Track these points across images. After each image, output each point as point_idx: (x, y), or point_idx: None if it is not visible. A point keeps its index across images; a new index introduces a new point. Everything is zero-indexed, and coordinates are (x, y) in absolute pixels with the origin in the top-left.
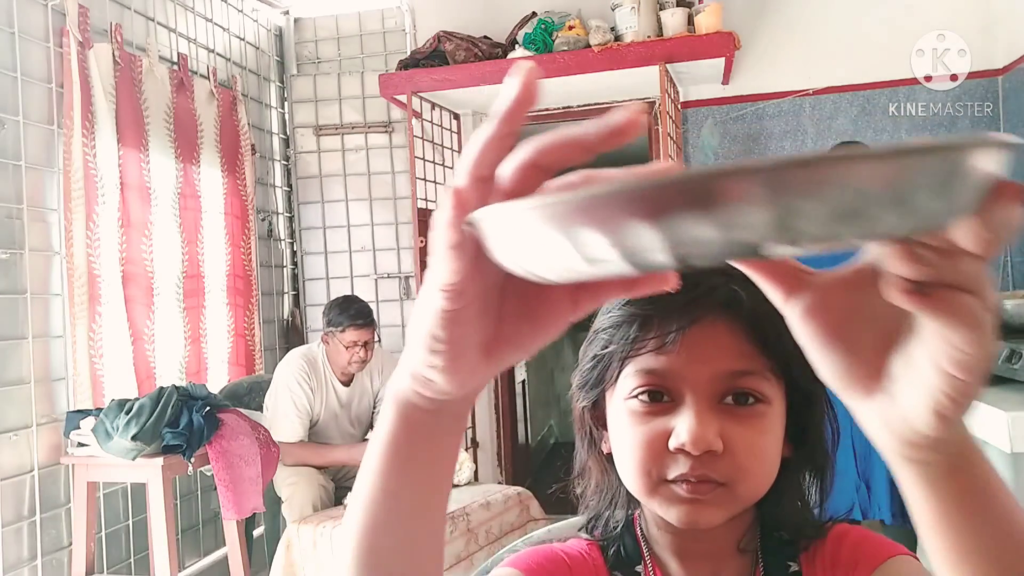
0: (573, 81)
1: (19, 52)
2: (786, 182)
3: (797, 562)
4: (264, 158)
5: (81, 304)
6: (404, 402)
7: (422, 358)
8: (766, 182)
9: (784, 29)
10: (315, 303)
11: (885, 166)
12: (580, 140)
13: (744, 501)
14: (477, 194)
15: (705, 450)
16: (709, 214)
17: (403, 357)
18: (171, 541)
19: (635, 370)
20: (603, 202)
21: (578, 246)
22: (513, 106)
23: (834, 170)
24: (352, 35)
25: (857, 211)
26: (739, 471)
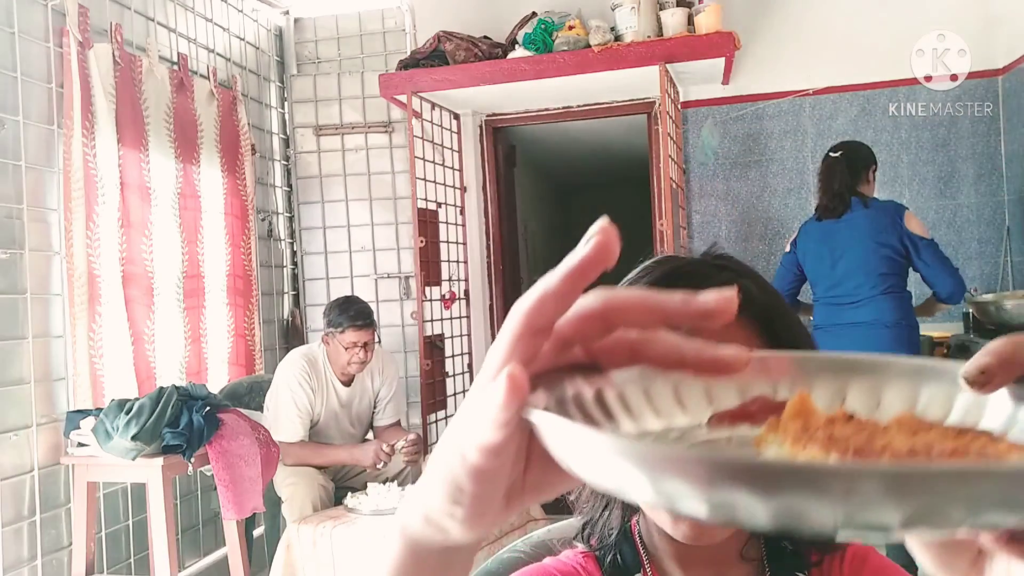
0: (573, 81)
1: (19, 52)
2: (913, 489)
3: (806, 574)
4: (264, 158)
5: (81, 304)
6: (413, 540)
7: (441, 507)
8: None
9: (784, 29)
10: (315, 303)
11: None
12: (662, 308)
13: None
14: (530, 345)
15: None
16: (825, 503)
17: (417, 492)
18: (171, 541)
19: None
20: (702, 467)
21: (658, 491)
22: (585, 265)
23: (970, 486)
24: (352, 35)
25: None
26: None
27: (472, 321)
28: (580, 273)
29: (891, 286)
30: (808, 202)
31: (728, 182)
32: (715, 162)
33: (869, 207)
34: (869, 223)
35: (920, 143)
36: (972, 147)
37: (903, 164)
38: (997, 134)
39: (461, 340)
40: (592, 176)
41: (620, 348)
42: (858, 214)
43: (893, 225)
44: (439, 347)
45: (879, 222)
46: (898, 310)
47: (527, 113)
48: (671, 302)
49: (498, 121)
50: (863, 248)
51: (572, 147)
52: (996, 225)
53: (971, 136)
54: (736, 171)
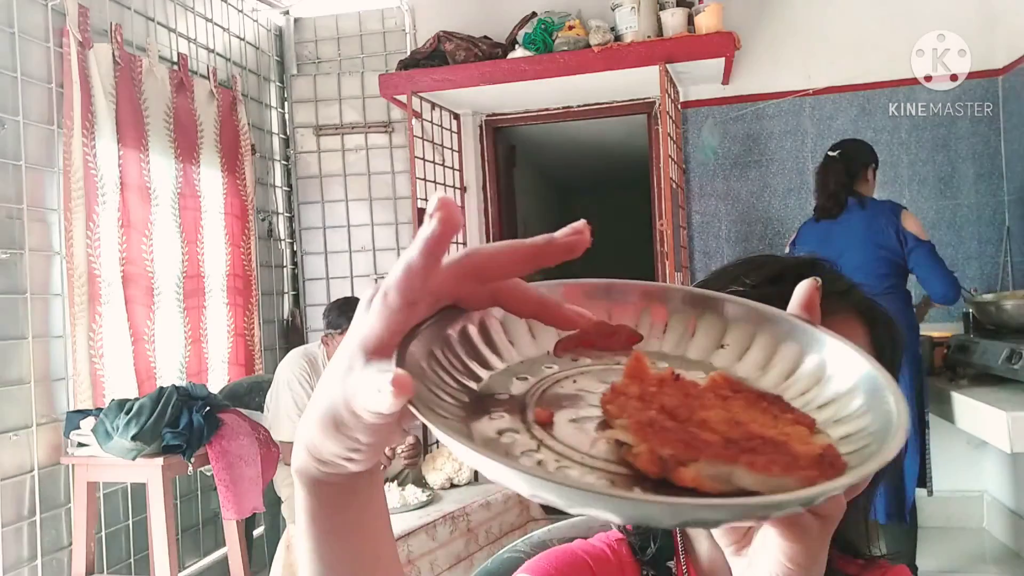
0: (573, 81)
1: (19, 52)
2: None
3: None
4: (264, 158)
5: (81, 304)
6: (312, 481)
7: (335, 451)
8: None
9: (784, 29)
10: (315, 303)
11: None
12: (524, 253)
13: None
14: (408, 315)
15: None
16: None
17: (309, 437)
18: (171, 541)
19: None
20: (524, 482)
21: (531, 495)
22: (436, 239)
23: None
24: (352, 35)
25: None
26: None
27: None
28: (434, 246)
29: (889, 287)
30: (808, 202)
31: (728, 182)
32: (715, 162)
33: (866, 208)
34: (866, 224)
35: (920, 143)
36: (972, 147)
37: (903, 164)
38: (997, 134)
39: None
40: (592, 176)
41: (484, 297)
42: (855, 215)
43: (890, 225)
44: None
45: (876, 223)
46: (899, 310)
47: (527, 113)
48: (534, 246)
49: (498, 121)
50: (860, 249)
51: (572, 147)
52: (996, 225)
53: (971, 136)
54: (736, 171)
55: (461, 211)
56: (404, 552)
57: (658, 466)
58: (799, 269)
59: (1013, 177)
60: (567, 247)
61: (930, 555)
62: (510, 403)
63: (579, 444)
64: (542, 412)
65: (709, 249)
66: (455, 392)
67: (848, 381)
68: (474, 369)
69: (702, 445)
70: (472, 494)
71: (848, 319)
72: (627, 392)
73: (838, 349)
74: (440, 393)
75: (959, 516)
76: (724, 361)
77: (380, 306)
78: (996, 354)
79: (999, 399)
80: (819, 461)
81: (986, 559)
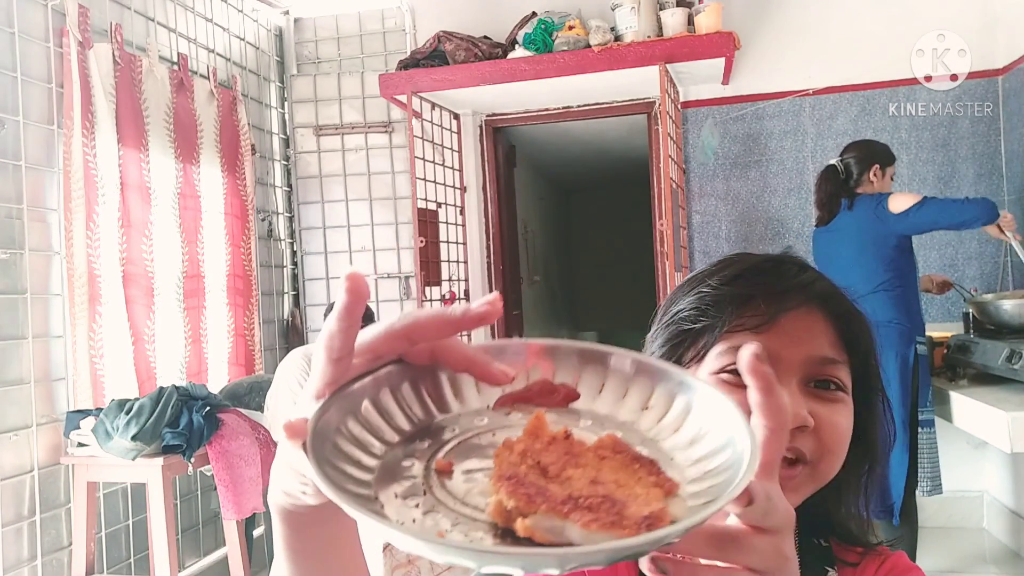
0: (573, 81)
1: (19, 52)
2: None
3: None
4: (264, 158)
5: (81, 304)
6: (280, 509)
7: (290, 484)
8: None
9: (784, 29)
10: (315, 303)
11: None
12: (448, 321)
13: (822, 480)
14: (336, 369)
15: (800, 424)
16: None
17: (276, 476)
18: (171, 541)
19: (729, 347)
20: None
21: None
22: (348, 307)
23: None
24: (352, 35)
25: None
26: (824, 448)
27: None
28: (345, 314)
29: (883, 283)
30: (808, 202)
31: (728, 182)
32: (715, 162)
33: (854, 208)
34: (852, 224)
35: (920, 143)
36: (972, 147)
37: (903, 164)
38: (997, 134)
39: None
40: (592, 176)
41: (424, 355)
42: (845, 217)
43: (877, 218)
44: None
45: (861, 220)
46: (891, 308)
47: (527, 113)
48: (454, 314)
49: (498, 121)
50: (850, 249)
51: (572, 147)
52: None
53: (971, 136)
54: (736, 171)
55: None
56: (404, 552)
57: (503, 516)
58: (761, 267)
59: (1013, 177)
60: (480, 317)
61: (930, 555)
62: (428, 450)
63: (460, 493)
64: (443, 462)
65: (709, 249)
66: (383, 435)
67: (720, 440)
68: (411, 415)
69: (541, 499)
70: None
71: (811, 311)
72: (514, 448)
73: (720, 411)
74: (366, 436)
75: (959, 516)
76: (647, 423)
77: (317, 361)
78: (996, 354)
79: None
80: (639, 523)
81: (986, 559)
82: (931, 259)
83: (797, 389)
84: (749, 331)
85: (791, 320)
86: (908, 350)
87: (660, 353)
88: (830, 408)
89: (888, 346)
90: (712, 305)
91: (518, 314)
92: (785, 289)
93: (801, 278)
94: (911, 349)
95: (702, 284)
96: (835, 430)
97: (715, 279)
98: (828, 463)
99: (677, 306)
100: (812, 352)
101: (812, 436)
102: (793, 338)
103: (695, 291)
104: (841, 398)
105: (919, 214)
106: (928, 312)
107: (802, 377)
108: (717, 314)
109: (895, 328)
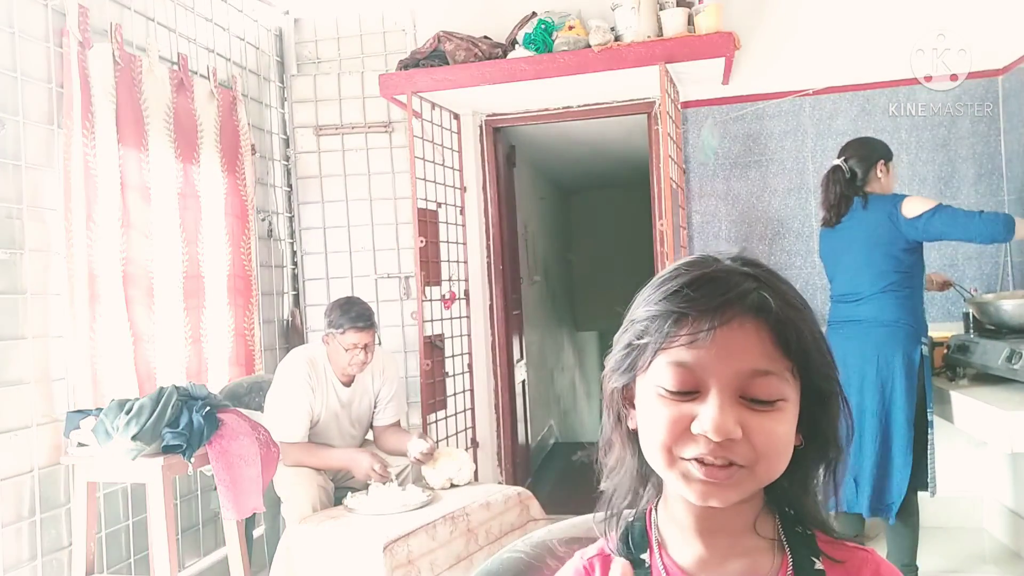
0: (573, 81)
1: (19, 52)
2: None
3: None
4: (264, 158)
5: (81, 304)
6: None
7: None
8: None
9: (784, 29)
10: (315, 303)
11: None
12: None
13: (763, 479)
14: None
15: (725, 437)
16: None
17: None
18: (171, 541)
19: (667, 361)
20: None
21: None
22: None
23: None
24: (352, 35)
25: None
26: (758, 454)
27: (472, 321)
28: None
29: (892, 283)
30: (808, 202)
31: (728, 182)
32: (715, 162)
33: (867, 207)
34: (864, 223)
35: (920, 143)
36: (972, 147)
37: (903, 164)
38: (997, 134)
39: (461, 340)
40: (592, 176)
41: None
42: (856, 216)
43: (890, 220)
44: (439, 347)
45: (874, 220)
46: (898, 308)
47: (527, 113)
48: None
49: (498, 121)
50: (860, 248)
51: (572, 147)
52: None
53: (971, 136)
54: (736, 171)
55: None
56: (404, 552)
57: None
58: (698, 282)
59: (1013, 177)
60: None
61: (930, 555)
62: None
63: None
64: None
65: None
66: None
67: None
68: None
69: None
70: (472, 494)
71: (743, 324)
72: None
73: None
74: None
75: (959, 516)
76: None
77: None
78: (996, 354)
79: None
80: None
81: (986, 559)
82: (931, 259)
83: (728, 401)
84: (684, 346)
85: (724, 334)
86: (914, 350)
87: (619, 357)
88: (762, 417)
89: (895, 346)
90: (653, 321)
91: (518, 314)
92: (718, 305)
93: (738, 290)
94: (917, 349)
95: (657, 291)
96: (768, 437)
97: (658, 293)
98: (765, 466)
99: (634, 313)
100: (742, 366)
101: (744, 444)
102: (725, 352)
103: (645, 302)
104: (775, 407)
105: (930, 222)
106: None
107: (736, 388)
108: (657, 329)
109: (902, 328)
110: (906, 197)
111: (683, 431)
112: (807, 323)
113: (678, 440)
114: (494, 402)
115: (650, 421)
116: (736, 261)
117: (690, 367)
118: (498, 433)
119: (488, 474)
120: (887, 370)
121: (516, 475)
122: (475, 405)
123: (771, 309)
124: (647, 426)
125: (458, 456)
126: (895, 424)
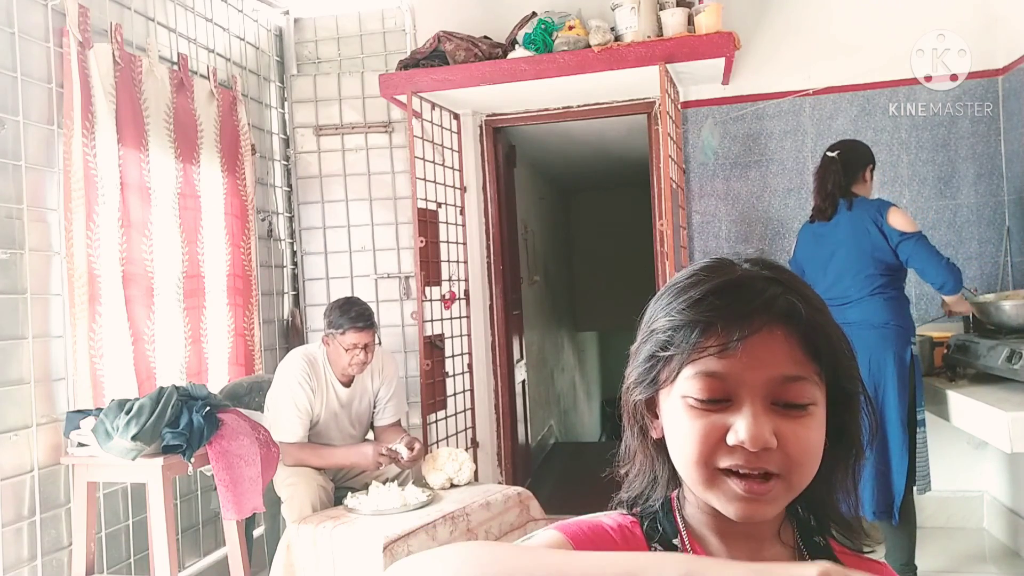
0: (573, 81)
1: (19, 52)
2: None
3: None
4: (264, 158)
5: (81, 304)
6: None
7: None
8: None
9: (784, 29)
10: (315, 303)
11: None
12: None
13: (796, 490)
14: None
15: (762, 447)
16: None
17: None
18: (171, 541)
19: (695, 372)
20: None
21: None
22: None
23: None
24: (352, 35)
25: None
26: (792, 463)
27: (472, 321)
28: None
29: (880, 286)
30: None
31: (728, 182)
32: (715, 162)
33: (853, 208)
34: (852, 225)
35: (920, 143)
36: (972, 147)
37: (903, 164)
38: (997, 134)
39: (461, 340)
40: (592, 176)
41: None
42: (843, 216)
43: (874, 224)
44: (439, 347)
45: (861, 223)
46: (887, 311)
47: (527, 113)
48: None
49: (498, 121)
50: (848, 250)
51: (572, 147)
52: (996, 225)
53: (971, 136)
54: (736, 171)
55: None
56: (404, 552)
57: None
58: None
59: (1013, 177)
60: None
61: (930, 555)
62: None
63: None
64: None
65: (709, 249)
66: None
67: None
68: None
69: None
70: (472, 494)
71: (772, 331)
72: None
73: None
74: None
75: (959, 516)
76: None
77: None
78: (996, 354)
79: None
80: None
81: (986, 559)
82: None
83: (761, 410)
84: (713, 356)
85: (753, 342)
86: (904, 350)
87: (641, 370)
88: (795, 423)
89: (886, 347)
90: (677, 331)
91: (518, 314)
92: (745, 313)
93: (764, 296)
94: (907, 350)
95: (677, 299)
96: (801, 444)
97: (679, 301)
98: (799, 475)
99: (654, 323)
100: (773, 373)
101: (779, 453)
102: (755, 361)
103: (666, 311)
104: (808, 412)
105: (904, 245)
106: (928, 312)
107: (767, 396)
108: (683, 340)
109: (892, 329)
110: (892, 206)
111: (717, 442)
112: (832, 326)
113: (714, 452)
114: (494, 402)
115: (681, 435)
116: (755, 265)
117: (720, 377)
118: (498, 433)
119: (488, 474)
120: (879, 372)
121: (516, 475)
122: (475, 405)
123: (800, 315)
124: (678, 440)
125: (458, 456)
126: (890, 425)
